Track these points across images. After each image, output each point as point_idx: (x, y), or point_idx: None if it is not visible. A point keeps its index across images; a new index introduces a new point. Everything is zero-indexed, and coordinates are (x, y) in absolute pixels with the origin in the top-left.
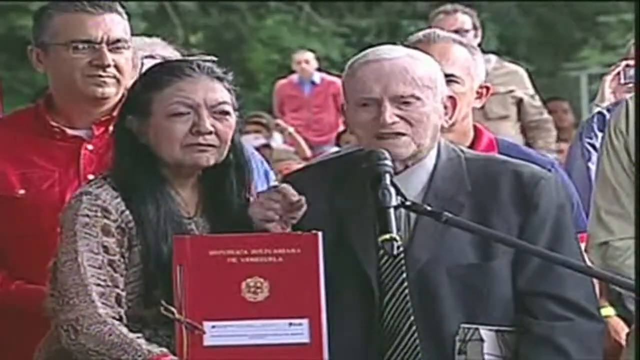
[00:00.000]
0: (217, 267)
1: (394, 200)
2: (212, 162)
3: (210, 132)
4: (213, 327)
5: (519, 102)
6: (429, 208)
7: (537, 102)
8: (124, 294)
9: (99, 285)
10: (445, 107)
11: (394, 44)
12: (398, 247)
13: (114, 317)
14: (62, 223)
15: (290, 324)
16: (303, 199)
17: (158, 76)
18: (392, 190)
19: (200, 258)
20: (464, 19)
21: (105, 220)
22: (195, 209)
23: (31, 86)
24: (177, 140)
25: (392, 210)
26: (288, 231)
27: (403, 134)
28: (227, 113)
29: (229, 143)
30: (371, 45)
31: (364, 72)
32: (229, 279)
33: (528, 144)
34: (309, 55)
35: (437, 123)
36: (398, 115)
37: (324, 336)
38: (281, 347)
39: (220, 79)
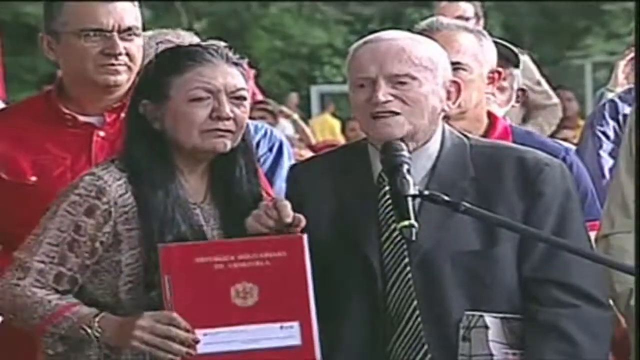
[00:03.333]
0: (205, 275)
1: (412, 189)
2: (229, 147)
3: (229, 118)
4: (205, 334)
5: (523, 92)
6: (446, 198)
7: (542, 87)
8: (70, 273)
9: (42, 262)
10: (449, 92)
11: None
12: (417, 234)
13: (40, 288)
14: (56, 198)
15: (282, 327)
16: (302, 220)
17: (177, 60)
18: (410, 179)
19: (187, 266)
20: (466, 6)
21: (96, 201)
22: (202, 196)
23: (35, 73)
24: (196, 125)
25: (410, 198)
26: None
27: (397, 113)
28: (245, 98)
29: (244, 129)
30: (375, 32)
31: (361, 53)
32: (217, 286)
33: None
34: None
35: (437, 106)
36: (393, 95)
37: (315, 337)
38: (274, 351)
39: (236, 65)
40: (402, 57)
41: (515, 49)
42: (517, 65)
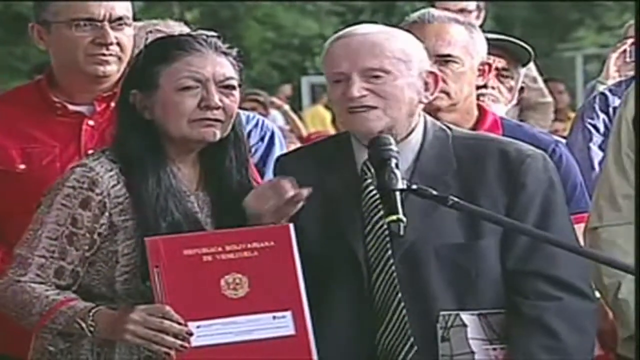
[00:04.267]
0: (194, 267)
1: (400, 184)
2: (218, 136)
3: (218, 107)
4: (198, 327)
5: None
6: (434, 192)
7: (538, 84)
8: (70, 267)
9: (43, 256)
10: (426, 83)
11: (390, 23)
12: (405, 228)
13: (41, 284)
14: (48, 191)
15: (274, 317)
16: (304, 192)
17: (166, 50)
18: (398, 173)
19: (176, 258)
20: (467, 1)
21: (89, 193)
22: (196, 184)
23: (26, 62)
24: (185, 115)
25: (398, 193)
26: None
27: (374, 107)
28: (234, 88)
29: (233, 118)
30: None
31: (334, 48)
32: (207, 278)
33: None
34: None
35: (414, 98)
36: (368, 89)
37: (308, 326)
38: (268, 341)
39: (226, 54)
40: (375, 51)
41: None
42: (525, 65)
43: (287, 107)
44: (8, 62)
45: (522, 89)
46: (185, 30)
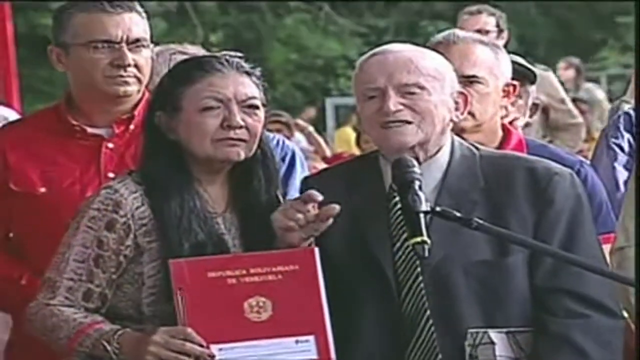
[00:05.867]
0: (218, 289)
1: (424, 205)
2: (242, 156)
3: (241, 127)
4: (220, 349)
5: (544, 109)
6: (458, 214)
7: (566, 105)
8: (98, 289)
9: (71, 279)
10: (457, 103)
11: (414, 44)
12: (429, 250)
13: (70, 307)
14: (76, 213)
15: (297, 342)
16: (335, 207)
17: (188, 71)
18: (422, 195)
19: (200, 281)
20: (488, 19)
21: (114, 215)
22: (224, 205)
23: (50, 84)
24: (208, 135)
25: (422, 215)
26: (309, 242)
27: (409, 122)
28: (257, 107)
29: (258, 137)
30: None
31: (369, 65)
32: (230, 300)
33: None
34: None
35: (446, 116)
36: (403, 104)
37: (331, 351)
38: None
39: (248, 74)
40: (410, 67)
41: (540, 66)
42: (532, 83)
43: (311, 128)
44: (32, 84)
45: (545, 109)
46: (203, 53)
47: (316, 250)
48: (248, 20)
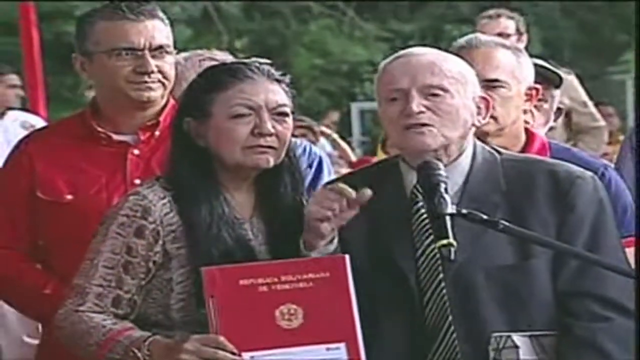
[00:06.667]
0: (249, 297)
1: (450, 208)
2: (272, 163)
3: (271, 134)
4: (252, 357)
5: (567, 112)
6: (484, 217)
7: (588, 109)
8: (128, 296)
9: (100, 285)
10: (478, 107)
11: (438, 48)
12: (455, 253)
13: (99, 313)
14: (103, 220)
15: (328, 349)
16: (367, 192)
17: (218, 77)
18: (448, 197)
19: (231, 289)
20: (508, 23)
21: (143, 222)
22: (251, 212)
23: (76, 92)
24: (238, 142)
25: (448, 217)
26: (333, 236)
27: (430, 125)
28: (287, 115)
29: (287, 145)
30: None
31: (393, 67)
32: (262, 308)
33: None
34: None
35: (468, 120)
36: (426, 106)
37: (362, 358)
38: None
39: (278, 81)
40: (434, 69)
41: (562, 69)
42: (558, 87)
43: (335, 135)
44: (58, 92)
45: (567, 112)
46: (230, 59)
47: (347, 257)
48: (272, 26)
